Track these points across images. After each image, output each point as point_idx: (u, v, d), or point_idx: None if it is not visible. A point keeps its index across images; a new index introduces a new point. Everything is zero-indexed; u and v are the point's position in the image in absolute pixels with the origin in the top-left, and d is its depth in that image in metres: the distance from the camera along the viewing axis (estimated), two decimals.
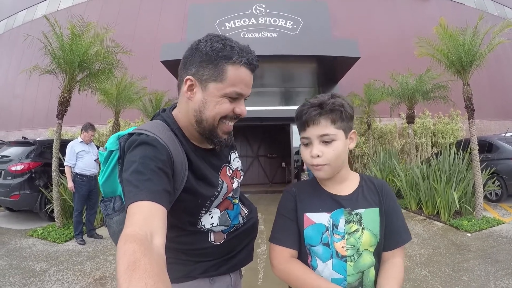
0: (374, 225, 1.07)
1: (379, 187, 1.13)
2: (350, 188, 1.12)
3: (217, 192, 1.07)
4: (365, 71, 11.05)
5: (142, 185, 0.82)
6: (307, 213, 1.10)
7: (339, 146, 1.04)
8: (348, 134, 1.08)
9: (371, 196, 1.11)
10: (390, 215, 1.10)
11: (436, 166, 6.40)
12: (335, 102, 1.04)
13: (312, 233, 1.08)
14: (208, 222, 1.09)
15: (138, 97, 9.12)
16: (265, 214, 7.28)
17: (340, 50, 9.21)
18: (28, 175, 6.15)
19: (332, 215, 1.07)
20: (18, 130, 15.47)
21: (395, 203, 1.13)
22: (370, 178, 1.17)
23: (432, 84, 8.35)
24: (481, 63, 5.85)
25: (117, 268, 0.62)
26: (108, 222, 1.11)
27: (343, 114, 1.04)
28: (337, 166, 1.07)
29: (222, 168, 1.15)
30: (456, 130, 11.35)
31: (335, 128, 1.04)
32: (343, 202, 1.08)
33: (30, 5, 18.32)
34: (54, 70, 5.85)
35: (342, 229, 1.05)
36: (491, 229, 5.30)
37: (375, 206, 1.09)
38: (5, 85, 17.41)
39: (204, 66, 0.99)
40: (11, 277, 3.79)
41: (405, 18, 14.64)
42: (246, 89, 1.03)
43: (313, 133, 1.05)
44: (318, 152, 1.04)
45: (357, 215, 1.06)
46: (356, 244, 1.04)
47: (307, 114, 1.05)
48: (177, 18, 14.06)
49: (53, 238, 5.24)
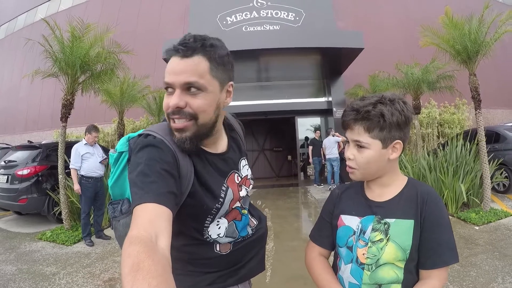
0: (404, 238, 0.99)
1: (422, 196, 1.02)
2: (390, 194, 1.07)
3: (222, 198, 1.05)
4: (369, 61, 10.93)
5: (147, 187, 0.83)
6: (342, 214, 1.13)
7: (371, 155, 1.01)
8: (389, 144, 1.01)
9: (408, 206, 1.03)
10: (431, 230, 0.99)
11: (443, 158, 6.33)
12: (372, 111, 0.99)
13: (341, 234, 1.11)
14: (214, 232, 1.07)
15: (141, 95, 9.13)
16: (272, 209, 7.28)
17: (344, 41, 9.12)
18: (35, 178, 6.19)
19: (362, 220, 1.07)
20: (24, 133, 15.63)
21: (442, 217, 1.01)
22: (415, 186, 1.07)
23: (438, 74, 8.22)
24: (488, 52, 5.73)
25: (121, 269, 0.63)
26: (115, 224, 1.11)
27: (381, 123, 0.98)
28: (368, 173, 1.05)
29: (230, 174, 1.12)
30: (462, 120, 11.20)
31: (369, 136, 1.00)
32: (375, 209, 1.06)
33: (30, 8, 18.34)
34: (56, 73, 5.85)
35: (367, 236, 1.03)
36: (499, 222, 5.25)
37: (409, 218, 1.01)
38: (9, 89, 17.59)
39: None
40: (21, 282, 3.84)
41: (410, 6, 14.40)
42: (169, 76, 0.94)
43: (349, 136, 1.06)
44: (350, 155, 1.05)
45: (385, 224, 1.02)
46: (377, 254, 1.00)
47: (345, 116, 1.06)
48: (178, 14, 13.99)
49: (62, 241, 5.30)
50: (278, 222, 6.17)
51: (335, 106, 11.34)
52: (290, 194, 9.79)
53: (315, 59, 10.50)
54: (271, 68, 11.45)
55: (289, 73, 11.81)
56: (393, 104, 1.00)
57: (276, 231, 5.56)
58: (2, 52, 19.01)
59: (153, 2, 15.01)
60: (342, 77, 11.55)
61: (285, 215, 6.80)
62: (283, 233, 5.42)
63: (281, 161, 15.60)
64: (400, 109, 1.00)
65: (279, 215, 6.81)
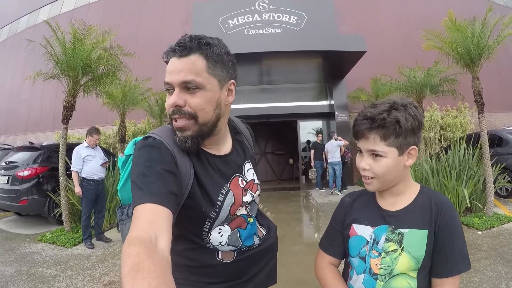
0: (418, 248, 0.98)
1: (436, 205, 1.01)
2: (403, 203, 1.05)
3: (219, 202, 1.02)
4: (371, 64, 10.92)
5: (146, 187, 0.83)
6: (354, 224, 1.11)
7: (388, 164, 0.99)
8: (405, 151, 1.00)
9: (422, 215, 1.01)
10: (445, 239, 0.98)
11: (446, 162, 6.29)
12: (387, 118, 0.96)
13: (353, 244, 1.09)
14: (216, 240, 1.04)
15: (143, 98, 9.14)
16: (274, 213, 7.23)
17: (346, 45, 9.13)
18: (35, 180, 6.18)
19: (375, 230, 1.05)
20: (25, 133, 15.64)
21: (455, 225, 0.99)
22: (429, 194, 1.06)
23: (440, 77, 8.20)
24: (490, 55, 5.71)
25: (121, 270, 0.63)
26: (121, 227, 1.13)
27: (397, 130, 0.96)
28: (386, 181, 1.03)
29: (234, 177, 1.09)
30: (464, 124, 11.16)
31: (385, 145, 0.98)
32: (388, 219, 1.04)
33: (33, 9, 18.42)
34: (57, 75, 5.85)
35: (381, 246, 1.02)
36: (502, 227, 5.20)
37: (423, 228, 0.99)
38: (11, 90, 17.63)
39: None
40: (20, 284, 3.81)
41: (411, 9, 14.40)
42: (169, 76, 0.96)
43: (363, 146, 1.03)
44: (365, 166, 1.02)
45: (399, 234, 1.00)
46: (391, 264, 0.99)
47: (357, 126, 1.03)
48: (180, 16, 14.02)
49: (62, 243, 5.27)
50: (280, 226, 6.07)
51: (337, 110, 11.32)
52: (292, 197, 9.75)
53: (317, 62, 10.50)
54: (273, 71, 11.45)
55: (291, 77, 11.81)
56: (406, 110, 0.99)
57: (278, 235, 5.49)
58: (4, 54, 19.09)
59: (155, 5, 15.05)
60: (344, 81, 11.54)
61: (286, 219, 6.76)
62: (285, 238, 5.36)
63: (283, 165, 15.58)
64: (413, 114, 0.99)
65: (281, 219, 6.76)
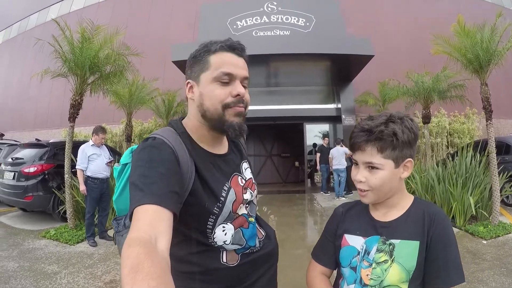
0: (408, 259, 0.97)
1: (429, 216, 1.01)
2: (396, 214, 1.05)
3: (222, 198, 1.03)
4: (380, 68, 10.87)
5: (147, 188, 0.83)
6: (346, 234, 1.11)
7: (384, 176, 0.99)
8: (401, 163, 1.01)
9: (414, 226, 1.01)
10: (438, 250, 0.97)
11: (452, 169, 6.22)
12: (385, 130, 0.97)
13: (345, 254, 1.09)
14: (220, 239, 1.04)
15: (150, 97, 9.18)
16: (278, 216, 7.22)
17: (354, 48, 9.08)
18: (41, 176, 6.24)
19: (367, 240, 1.05)
20: (33, 130, 15.80)
21: (448, 236, 0.98)
22: (422, 205, 1.06)
23: (449, 83, 8.12)
24: (500, 61, 5.64)
25: (121, 270, 0.64)
26: (118, 239, 1.12)
27: (394, 142, 0.97)
28: (382, 194, 1.03)
29: (233, 176, 1.12)
30: (472, 130, 11.04)
31: (382, 157, 0.99)
32: (380, 229, 1.04)
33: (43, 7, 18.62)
34: (65, 74, 5.89)
35: (372, 257, 1.01)
36: (507, 236, 5.13)
37: (414, 239, 0.99)
38: (19, 87, 17.84)
39: (193, 66, 1.08)
40: (22, 279, 3.84)
41: (420, 13, 14.31)
42: (234, 69, 1.04)
43: (359, 158, 1.03)
44: (361, 178, 1.02)
45: (390, 245, 1.00)
46: (381, 275, 0.98)
47: (355, 138, 1.03)
48: (188, 17, 14.08)
49: (65, 240, 5.31)
50: (283, 230, 6.10)
51: (344, 113, 11.26)
52: (297, 201, 9.72)
53: (325, 65, 10.46)
54: (280, 73, 11.44)
55: (298, 79, 11.78)
56: (402, 122, 1.00)
57: (281, 238, 5.41)
58: (13, 51, 19.34)
59: (163, 6, 15.14)
60: (351, 84, 11.49)
61: (290, 223, 6.74)
62: (287, 241, 5.35)
63: (289, 167, 15.54)
64: (410, 127, 1.00)
65: (285, 222, 6.75)
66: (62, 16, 14.30)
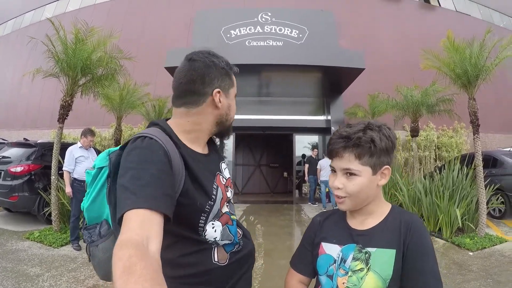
0: (384, 267, 0.97)
1: (405, 225, 1.01)
2: (372, 222, 1.06)
3: (214, 196, 1.06)
4: (370, 81, 11.03)
5: (140, 191, 0.82)
6: (323, 242, 1.12)
7: (362, 183, 1.00)
8: (378, 170, 1.02)
9: (391, 235, 1.01)
10: (415, 258, 0.96)
11: (439, 182, 6.30)
12: (363, 137, 0.99)
13: (321, 263, 1.09)
14: (211, 235, 1.05)
15: (141, 102, 9.13)
16: (265, 226, 7.18)
17: (346, 61, 9.20)
18: (27, 177, 6.13)
19: (343, 249, 1.05)
20: (22, 129, 15.56)
21: (426, 245, 0.98)
22: (399, 214, 1.06)
23: (437, 97, 8.27)
24: (488, 77, 5.77)
25: (113, 273, 0.63)
26: (93, 251, 1.06)
27: (372, 149, 0.99)
28: (359, 201, 1.03)
29: (217, 175, 1.15)
30: (460, 144, 11.24)
31: (360, 163, 0.99)
32: (356, 238, 1.04)
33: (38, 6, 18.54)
34: (57, 74, 5.85)
35: (348, 265, 1.01)
36: (493, 248, 5.19)
37: (391, 247, 0.98)
38: (11, 84, 17.62)
39: (224, 78, 1.14)
40: (4, 280, 3.76)
41: (410, 28, 14.66)
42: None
43: (337, 165, 1.04)
44: (339, 185, 1.02)
45: (366, 253, 1.00)
46: (357, 284, 0.98)
47: (332, 144, 1.04)
48: (183, 24, 14.14)
49: (49, 242, 5.20)
50: (270, 240, 6.07)
51: (334, 125, 11.33)
52: (284, 211, 9.69)
53: (316, 77, 10.56)
54: (272, 83, 11.51)
55: (289, 90, 11.87)
56: (380, 130, 1.02)
57: (268, 248, 5.45)
58: (7, 48, 19.14)
59: (159, 11, 15.19)
60: (341, 96, 11.61)
61: (277, 233, 6.71)
62: (274, 251, 5.31)
63: (277, 178, 15.53)
64: (387, 135, 1.02)
65: (272, 232, 6.72)
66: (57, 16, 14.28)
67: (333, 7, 12.95)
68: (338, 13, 12.71)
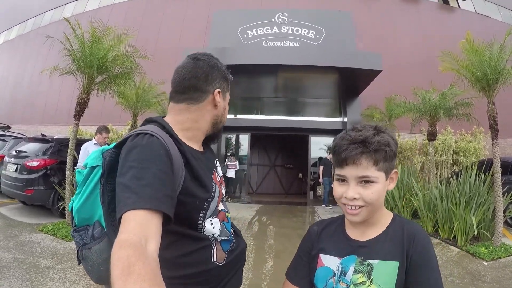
0: (387, 280, 0.91)
1: (408, 235, 0.95)
2: (374, 233, 0.99)
3: (213, 192, 1.07)
4: (387, 83, 10.86)
5: (141, 191, 0.81)
6: (321, 254, 1.06)
7: (379, 190, 0.93)
8: (389, 175, 0.97)
9: (394, 246, 0.95)
10: (418, 270, 0.90)
11: (455, 188, 6.11)
12: (381, 140, 0.92)
13: (320, 275, 1.03)
14: (210, 231, 1.06)
15: (157, 100, 9.23)
16: (277, 227, 7.13)
17: (362, 62, 9.06)
18: (43, 171, 6.29)
19: (343, 261, 0.99)
20: (40, 125, 15.96)
21: (429, 257, 0.92)
22: (401, 223, 1.00)
23: (456, 100, 8.06)
24: (508, 80, 5.58)
25: (111, 272, 0.63)
26: (86, 254, 1.02)
27: (387, 154, 0.93)
28: (374, 209, 0.96)
29: (213, 172, 1.17)
30: (478, 149, 10.92)
31: (376, 169, 0.92)
32: (358, 249, 0.98)
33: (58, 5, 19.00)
34: (74, 72, 5.97)
35: (349, 278, 0.95)
36: (509, 258, 5.00)
37: (394, 259, 0.93)
38: (31, 81, 18.11)
39: (223, 80, 1.20)
40: (15, 271, 3.84)
41: (430, 30, 14.36)
42: None
43: (351, 173, 0.94)
44: (355, 195, 0.93)
45: (368, 266, 0.94)
46: None
47: (347, 151, 0.93)
48: (200, 24, 14.25)
49: (62, 235, 5.29)
50: (281, 241, 6.02)
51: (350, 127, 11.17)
52: (297, 213, 9.61)
53: (333, 78, 10.45)
54: (288, 84, 11.45)
55: (306, 91, 11.80)
56: (388, 133, 0.97)
57: (278, 249, 5.40)
58: (27, 46, 19.70)
59: (176, 12, 15.35)
60: (358, 98, 11.47)
61: (289, 234, 6.65)
62: (285, 253, 5.24)
63: (292, 179, 15.45)
64: (393, 137, 0.98)
65: (283, 233, 6.66)
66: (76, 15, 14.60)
67: (351, 8, 12.82)
68: (355, 14, 12.59)
